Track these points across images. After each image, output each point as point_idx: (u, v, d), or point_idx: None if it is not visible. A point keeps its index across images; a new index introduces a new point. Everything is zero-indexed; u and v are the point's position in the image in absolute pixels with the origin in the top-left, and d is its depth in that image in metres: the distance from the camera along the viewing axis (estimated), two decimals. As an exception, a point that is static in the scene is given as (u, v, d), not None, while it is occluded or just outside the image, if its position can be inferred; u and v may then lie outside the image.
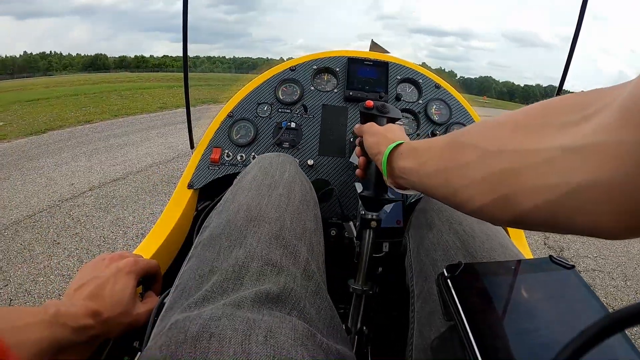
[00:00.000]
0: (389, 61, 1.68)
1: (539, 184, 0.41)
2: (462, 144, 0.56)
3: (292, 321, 0.59)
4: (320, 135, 1.59)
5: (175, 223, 1.38)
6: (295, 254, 0.77)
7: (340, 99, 1.63)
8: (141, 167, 7.22)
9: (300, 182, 1.03)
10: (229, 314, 0.56)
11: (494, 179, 0.48)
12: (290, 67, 1.68)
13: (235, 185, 1.00)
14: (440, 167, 0.61)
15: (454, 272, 0.62)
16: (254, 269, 0.69)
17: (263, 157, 1.12)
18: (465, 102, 1.67)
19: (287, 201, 0.90)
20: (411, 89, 1.69)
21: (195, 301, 0.63)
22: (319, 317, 0.68)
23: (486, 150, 0.51)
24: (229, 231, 0.79)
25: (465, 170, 0.54)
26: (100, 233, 4.49)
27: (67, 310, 0.68)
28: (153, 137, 10.17)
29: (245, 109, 1.63)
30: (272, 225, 0.80)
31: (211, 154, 1.56)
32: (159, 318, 0.68)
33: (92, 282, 0.79)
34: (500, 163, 0.47)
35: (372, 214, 1.08)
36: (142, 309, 0.85)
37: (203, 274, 0.70)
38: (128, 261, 0.88)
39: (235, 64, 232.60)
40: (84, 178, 6.60)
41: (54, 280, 3.58)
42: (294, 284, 0.68)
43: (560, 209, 0.40)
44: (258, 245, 0.74)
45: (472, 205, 0.53)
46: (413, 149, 0.74)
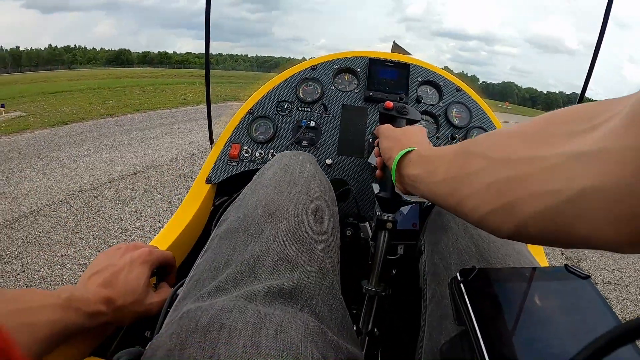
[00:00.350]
0: (410, 63, 1.66)
1: (541, 190, 0.42)
2: (471, 152, 0.57)
3: (303, 317, 0.59)
4: (339, 135, 1.58)
5: (192, 217, 1.39)
6: (311, 251, 0.77)
7: (360, 99, 1.63)
8: (161, 162, 7.29)
9: (320, 181, 1.02)
10: (241, 306, 0.56)
11: (500, 187, 0.48)
12: (312, 66, 1.68)
13: (255, 181, 1.00)
14: (448, 175, 0.61)
15: (467, 276, 0.61)
16: (268, 263, 0.69)
17: (283, 154, 1.11)
18: (486, 106, 1.65)
19: (306, 199, 0.90)
20: (432, 91, 1.67)
21: (208, 291, 0.63)
22: (331, 316, 0.68)
23: (494, 159, 0.51)
24: (246, 225, 0.79)
25: (472, 179, 0.54)
26: (119, 225, 4.54)
27: (80, 295, 0.69)
28: (174, 132, 10.25)
29: (265, 106, 1.63)
30: (290, 221, 0.80)
31: (230, 150, 1.56)
32: (172, 308, 0.69)
33: (106, 269, 0.81)
34: (507, 171, 0.48)
35: (388, 215, 1.07)
36: (155, 299, 0.86)
37: (218, 266, 0.70)
38: (143, 251, 0.89)
39: (257, 62, 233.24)
40: (104, 170, 6.68)
41: (70, 269, 3.62)
42: (308, 280, 0.68)
43: (560, 216, 0.40)
44: (275, 240, 0.74)
45: (476, 213, 0.53)
46: (423, 157, 0.75)
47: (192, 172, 6.69)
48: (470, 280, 0.60)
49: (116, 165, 6.94)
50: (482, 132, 1.48)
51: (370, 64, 1.65)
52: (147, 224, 4.57)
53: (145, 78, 36.13)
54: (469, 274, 0.61)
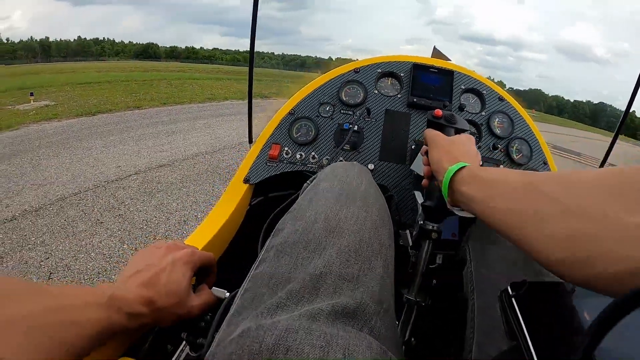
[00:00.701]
0: (454, 70, 1.63)
1: (614, 253, 0.41)
2: (542, 192, 0.55)
3: (367, 339, 0.57)
4: (381, 140, 1.54)
5: (229, 216, 1.36)
6: (372, 269, 0.75)
7: (403, 105, 1.59)
8: (187, 155, 7.33)
9: (376, 195, 1.00)
10: (306, 327, 0.54)
11: (574, 239, 0.47)
12: (355, 69, 1.64)
13: (310, 191, 0.98)
14: (513, 208, 0.60)
15: (519, 290, 0.61)
16: (330, 281, 0.67)
17: (337, 165, 1.09)
18: (528, 117, 1.60)
19: (366, 215, 0.87)
20: (475, 99, 1.64)
21: (268, 308, 0.62)
22: (387, 334, 0.67)
23: (568, 208, 0.49)
24: (306, 240, 0.77)
25: (544, 223, 0.52)
26: (144, 216, 4.54)
27: (122, 295, 0.67)
28: (200, 127, 10.35)
29: (307, 107, 1.59)
30: (351, 238, 0.78)
31: (270, 150, 1.53)
32: (225, 321, 0.66)
33: (147, 270, 0.78)
34: (583, 225, 0.46)
35: (433, 225, 1.05)
36: (196, 301, 0.82)
37: (278, 282, 0.69)
38: (185, 252, 0.86)
39: (283, 60, 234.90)
40: (131, 161, 6.74)
41: (94, 258, 3.64)
42: (370, 300, 0.67)
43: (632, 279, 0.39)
44: (337, 257, 0.72)
45: (547, 258, 0.51)
46: (476, 176, 0.74)
47: (218, 167, 6.72)
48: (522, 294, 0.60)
49: (142, 158, 7.01)
50: (524, 144, 1.52)
51: (414, 69, 1.61)
52: (172, 217, 4.57)
53: (172, 72, 36.73)
54: (520, 288, 0.62)
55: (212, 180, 5.98)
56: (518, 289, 0.61)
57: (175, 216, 4.60)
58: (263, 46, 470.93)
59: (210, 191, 5.46)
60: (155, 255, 0.83)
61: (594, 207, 0.46)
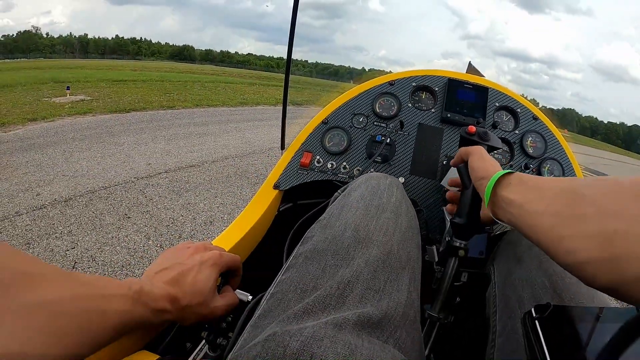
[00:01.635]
0: (488, 86, 1.61)
1: None
2: (581, 194, 0.56)
3: (391, 351, 0.58)
4: (413, 154, 1.53)
5: (257, 220, 1.37)
6: (399, 281, 0.76)
7: (436, 120, 1.57)
8: (217, 158, 7.39)
9: (407, 208, 1.01)
10: (331, 335, 0.55)
11: (607, 238, 0.48)
12: (390, 81, 1.64)
13: (340, 201, 0.99)
14: (551, 210, 0.60)
15: (543, 313, 0.59)
16: (357, 290, 0.68)
17: (370, 176, 1.10)
18: (561, 137, 1.57)
19: (395, 226, 0.89)
20: (508, 117, 1.61)
21: (295, 313, 0.63)
22: (412, 347, 0.68)
23: (605, 209, 0.50)
24: (335, 248, 0.79)
25: (578, 222, 0.53)
26: (171, 215, 4.57)
27: (149, 290, 0.68)
28: (231, 131, 10.44)
29: (340, 117, 1.59)
30: (380, 249, 0.79)
31: (302, 158, 1.53)
32: (250, 324, 0.69)
33: (175, 268, 0.79)
34: (617, 224, 0.47)
35: (461, 242, 1.04)
36: (220, 302, 0.83)
37: (306, 288, 0.70)
38: (214, 254, 0.87)
39: (316, 68, 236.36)
40: (161, 160, 6.82)
41: (119, 252, 3.67)
42: (395, 312, 0.68)
43: None
44: (365, 267, 0.74)
45: (573, 257, 0.52)
46: (523, 182, 0.73)
47: (247, 171, 6.75)
48: (546, 317, 0.59)
49: (173, 157, 7.08)
50: (557, 164, 1.51)
51: (449, 84, 1.59)
52: (198, 217, 4.59)
53: (206, 75, 37.18)
54: (545, 311, 0.60)
55: (240, 183, 6.01)
56: (542, 312, 0.59)
57: (201, 216, 4.62)
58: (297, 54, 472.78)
59: (238, 194, 5.49)
60: (184, 255, 0.84)
61: (630, 208, 0.47)
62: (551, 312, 0.58)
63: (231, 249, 1.19)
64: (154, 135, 8.71)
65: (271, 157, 7.91)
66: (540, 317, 0.58)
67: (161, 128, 9.68)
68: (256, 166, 7.13)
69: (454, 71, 1.69)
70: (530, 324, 0.58)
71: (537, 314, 0.58)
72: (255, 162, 7.39)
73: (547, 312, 0.58)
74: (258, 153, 8.20)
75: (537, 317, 0.58)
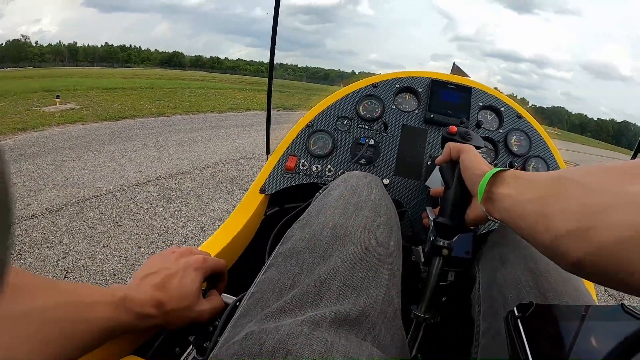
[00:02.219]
0: (472, 86, 1.63)
1: (621, 221, 0.44)
2: (566, 177, 0.58)
3: (368, 348, 0.58)
4: (397, 155, 1.54)
5: (244, 225, 1.38)
6: (377, 278, 0.76)
7: (420, 121, 1.59)
8: (207, 164, 7.38)
9: (386, 205, 1.02)
10: (307, 332, 0.55)
11: (584, 211, 0.50)
12: (373, 84, 1.64)
13: (321, 200, 0.99)
14: (539, 195, 0.62)
15: (525, 312, 0.60)
16: (334, 287, 0.68)
17: (350, 175, 1.10)
18: (546, 135, 1.59)
19: (373, 223, 0.89)
20: (492, 116, 1.63)
21: (272, 312, 0.63)
22: (393, 344, 0.68)
23: (586, 185, 0.53)
24: (313, 247, 0.79)
25: (560, 200, 0.56)
26: (162, 222, 4.58)
27: (134, 296, 0.70)
28: (222, 137, 10.42)
29: (324, 120, 1.60)
30: (358, 246, 0.79)
31: (287, 162, 1.53)
32: (230, 324, 0.68)
33: (160, 273, 0.81)
34: (595, 198, 0.49)
35: (444, 242, 1.05)
36: (205, 306, 0.85)
37: (283, 286, 0.70)
38: (198, 258, 0.89)
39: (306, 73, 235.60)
40: (152, 167, 6.80)
41: (110, 260, 3.67)
42: (373, 308, 0.68)
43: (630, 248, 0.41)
44: (342, 264, 0.73)
45: (552, 233, 0.54)
46: (517, 177, 0.74)
47: (238, 177, 6.75)
48: (528, 316, 0.60)
49: (163, 164, 7.07)
50: (541, 162, 1.52)
51: (432, 85, 1.61)
52: (189, 224, 4.60)
53: (196, 81, 37.06)
54: (527, 310, 0.61)
55: (231, 189, 6.02)
56: (524, 311, 0.60)
57: (192, 223, 4.63)
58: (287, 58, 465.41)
59: (228, 199, 5.49)
60: (169, 259, 0.85)
61: (611, 185, 0.49)
62: (534, 311, 0.59)
63: (218, 253, 1.19)
64: (144, 143, 8.68)
65: (262, 162, 7.85)
66: (522, 316, 0.59)
67: (151, 135, 9.65)
68: (247, 171, 7.13)
69: (437, 72, 1.70)
70: (513, 323, 0.59)
71: (520, 313, 0.59)
72: (245, 168, 7.39)
73: (530, 311, 0.59)
74: (249, 158, 8.20)
75: (519, 316, 0.59)
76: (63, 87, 19.62)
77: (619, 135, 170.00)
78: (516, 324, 0.58)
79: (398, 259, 0.92)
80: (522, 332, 0.56)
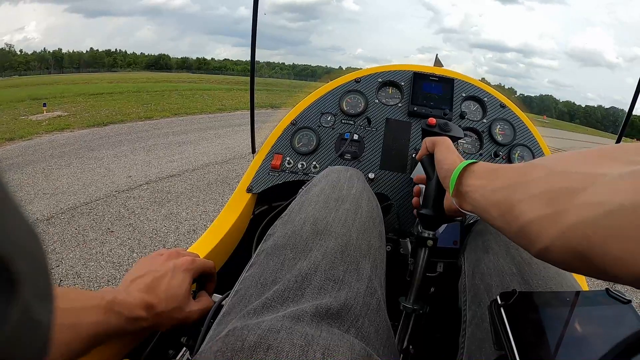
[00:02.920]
0: (454, 78, 1.63)
1: (586, 201, 0.44)
2: (534, 164, 0.59)
3: (349, 340, 0.58)
4: (382, 149, 1.54)
5: (232, 225, 1.38)
6: (359, 270, 0.76)
7: (404, 114, 1.59)
8: (197, 166, 7.36)
9: (368, 198, 1.02)
10: (288, 327, 0.56)
11: (552, 196, 0.50)
12: (355, 79, 1.65)
13: (302, 196, 1.00)
14: (507, 183, 0.62)
15: (508, 300, 0.61)
16: (316, 282, 0.69)
17: (331, 169, 1.11)
18: (530, 123, 1.59)
19: (354, 217, 0.89)
20: (476, 107, 1.63)
21: (255, 308, 0.64)
22: (377, 336, 0.68)
23: (553, 170, 0.53)
24: (294, 242, 0.80)
25: (529, 185, 0.56)
26: (153, 226, 4.57)
27: (123, 299, 0.70)
28: (211, 138, 10.38)
29: (308, 117, 1.60)
30: (338, 240, 0.80)
31: (272, 160, 1.54)
32: (216, 321, 0.70)
33: (148, 275, 0.81)
34: (562, 182, 0.50)
35: (429, 233, 1.06)
36: (195, 307, 0.85)
37: (265, 282, 0.71)
38: (185, 259, 0.89)
39: (294, 70, 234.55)
40: (141, 171, 6.78)
41: (104, 267, 3.67)
42: (355, 301, 0.68)
43: (597, 230, 0.41)
44: (323, 259, 0.74)
45: (521, 219, 0.54)
46: (486, 168, 0.75)
47: (228, 177, 6.74)
48: (511, 303, 0.61)
49: (153, 168, 7.05)
50: (526, 150, 1.52)
51: (414, 78, 1.61)
52: (181, 226, 4.60)
53: (183, 83, 36.92)
54: (510, 298, 0.62)
55: (222, 190, 6.01)
56: (507, 299, 0.61)
57: (184, 225, 4.63)
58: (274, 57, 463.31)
59: (219, 200, 5.48)
60: (157, 262, 0.86)
61: (577, 168, 0.49)
62: (517, 298, 0.60)
63: (207, 254, 1.20)
64: (133, 147, 8.65)
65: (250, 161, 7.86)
66: (505, 304, 0.60)
67: (140, 139, 9.61)
68: (237, 171, 7.11)
69: (419, 65, 1.70)
70: (496, 312, 0.60)
71: (503, 301, 0.60)
72: (235, 168, 7.38)
73: (513, 299, 0.60)
74: (238, 158, 8.18)
75: (502, 304, 0.60)
76: (50, 95, 19.52)
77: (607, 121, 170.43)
78: (499, 312, 0.59)
79: (381, 250, 0.92)
80: (506, 321, 0.57)
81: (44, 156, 7.76)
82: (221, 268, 1.32)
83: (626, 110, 1.71)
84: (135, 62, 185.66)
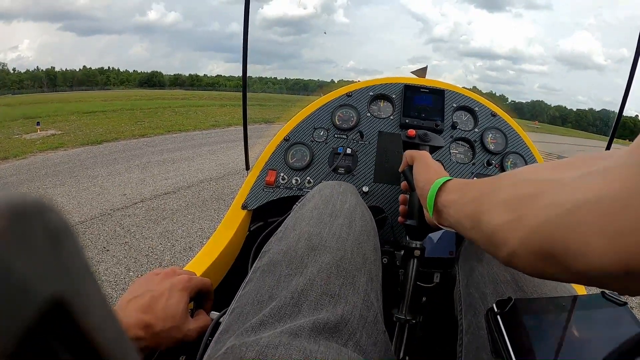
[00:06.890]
0: (445, 89, 1.64)
1: (548, 202, 0.44)
2: (501, 175, 0.59)
3: (347, 354, 0.59)
4: (375, 162, 1.55)
5: (228, 242, 1.38)
6: (355, 284, 0.77)
7: (396, 126, 1.60)
8: (192, 182, 7.35)
9: (361, 212, 1.02)
10: (286, 343, 0.56)
11: (516, 202, 0.50)
12: (347, 93, 1.66)
13: (296, 212, 1.00)
14: (477, 195, 0.62)
15: (504, 307, 0.61)
16: (312, 297, 0.69)
17: (324, 185, 1.12)
18: (521, 131, 1.62)
19: (348, 231, 0.90)
20: (467, 117, 1.65)
21: (252, 326, 0.64)
22: (375, 349, 0.68)
23: (519, 178, 0.53)
24: (289, 259, 0.79)
25: (495, 194, 0.56)
26: (149, 244, 4.56)
27: (120, 320, 0.68)
28: (205, 154, 10.37)
29: (301, 133, 1.61)
30: (333, 254, 0.80)
31: (266, 176, 1.55)
32: (214, 339, 0.69)
33: (145, 295, 0.81)
34: (527, 189, 0.49)
35: (415, 243, 1.07)
36: (193, 325, 0.85)
37: (262, 299, 0.71)
38: (182, 278, 0.89)
39: (286, 85, 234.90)
40: (136, 189, 6.76)
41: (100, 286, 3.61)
42: (352, 314, 0.68)
43: (559, 229, 0.41)
44: (318, 274, 0.74)
45: (489, 226, 0.54)
46: (460, 183, 0.75)
47: (223, 194, 6.72)
48: (507, 311, 0.61)
49: (148, 185, 7.03)
50: (519, 158, 1.53)
51: (405, 91, 1.62)
52: (177, 244, 4.58)
53: (176, 100, 36.95)
54: (506, 305, 0.61)
55: (217, 206, 5.99)
56: (503, 307, 0.60)
57: (180, 243, 4.61)
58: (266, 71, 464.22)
59: (215, 217, 5.47)
60: (154, 282, 0.86)
61: (542, 175, 0.49)
62: (513, 306, 0.60)
63: (204, 272, 1.20)
64: (128, 165, 8.64)
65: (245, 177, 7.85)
66: (501, 312, 0.60)
67: (134, 157, 9.60)
68: (231, 187, 7.09)
69: (410, 77, 1.72)
70: (493, 320, 0.60)
71: (499, 309, 0.60)
72: (230, 184, 7.35)
73: (509, 307, 0.60)
74: (232, 174, 8.16)
75: (498, 312, 0.60)
76: (43, 114, 19.54)
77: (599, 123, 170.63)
78: (496, 320, 0.59)
79: (376, 263, 0.93)
80: (503, 328, 0.58)
81: (38, 175, 7.75)
82: (218, 285, 1.31)
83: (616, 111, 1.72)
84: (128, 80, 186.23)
